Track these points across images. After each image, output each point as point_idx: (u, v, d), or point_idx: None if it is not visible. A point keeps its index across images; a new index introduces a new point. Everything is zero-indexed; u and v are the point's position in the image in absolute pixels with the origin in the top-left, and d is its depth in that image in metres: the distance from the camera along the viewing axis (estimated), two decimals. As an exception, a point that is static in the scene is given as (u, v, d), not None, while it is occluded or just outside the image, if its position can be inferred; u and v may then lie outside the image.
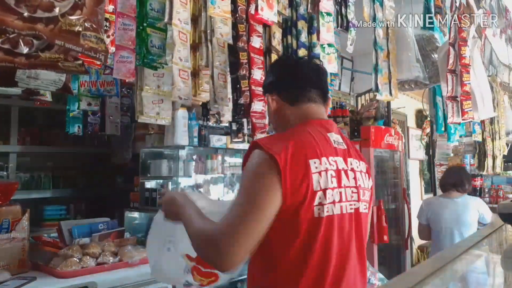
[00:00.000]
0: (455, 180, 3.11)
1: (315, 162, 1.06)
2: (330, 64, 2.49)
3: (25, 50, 1.09)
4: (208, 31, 1.92)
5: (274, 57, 2.34)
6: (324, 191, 1.06)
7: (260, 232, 0.99)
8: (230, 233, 0.97)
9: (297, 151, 1.05)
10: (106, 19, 1.59)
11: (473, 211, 2.99)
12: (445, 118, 3.80)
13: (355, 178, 1.16)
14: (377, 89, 2.75)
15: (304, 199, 1.03)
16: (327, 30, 2.38)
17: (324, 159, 1.08)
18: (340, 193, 1.10)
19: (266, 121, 2.18)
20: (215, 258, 0.98)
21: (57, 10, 1.15)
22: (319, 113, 1.23)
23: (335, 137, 1.17)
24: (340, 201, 1.09)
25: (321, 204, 1.05)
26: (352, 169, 1.16)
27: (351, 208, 1.12)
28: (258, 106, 2.16)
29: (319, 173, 1.06)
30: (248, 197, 1.03)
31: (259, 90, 2.12)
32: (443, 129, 3.82)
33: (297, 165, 1.03)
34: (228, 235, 0.97)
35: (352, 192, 1.14)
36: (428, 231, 3.17)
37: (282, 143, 1.06)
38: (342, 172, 1.12)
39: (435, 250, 3.11)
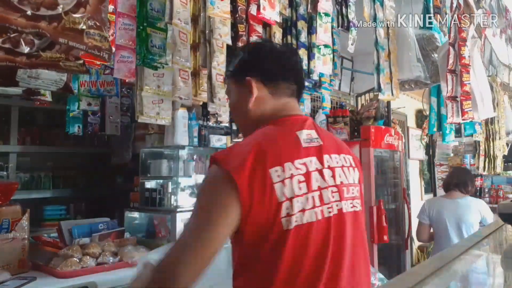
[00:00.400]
0: (459, 181, 3.13)
1: (276, 171, 0.96)
2: (325, 65, 2.48)
3: (26, 49, 1.09)
4: (207, 31, 1.92)
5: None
6: (291, 200, 0.96)
7: (210, 256, 0.93)
8: (179, 258, 0.91)
9: (256, 163, 0.95)
10: (107, 19, 1.59)
11: (475, 213, 2.99)
12: (439, 118, 3.81)
13: (333, 176, 1.04)
14: (379, 89, 2.75)
15: (268, 214, 0.94)
16: (324, 30, 2.38)
17: (288, 164, 0.98)
18: (313, 198, 0.99)
19: None
20: (167, 283, 0.90)
21: (60, 8, 1.14)
22: (296, 108, 1.15)
23: (305, 134, 1.05)
24: (313, 207, 0.98)
25: (288, 215, 0.95)
26: (329, 167, 1.05)
27: (329, 212, 1.01)
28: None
29: (283, 181, 0.95)
30: (200, 217, 0.96)
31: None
32: (435, 129, 3.82)
33: (257, 178, 0.94)
34: (177, 262, 0.91)
35: (332, 192, 1.03)
36: (427, 231, 3.17)
37: (240, 156, 0.96)
38: (315, 174, 1.01)
39: (437, 250, 3.12)
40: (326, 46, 2.47)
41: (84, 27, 1.19)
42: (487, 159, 4.98)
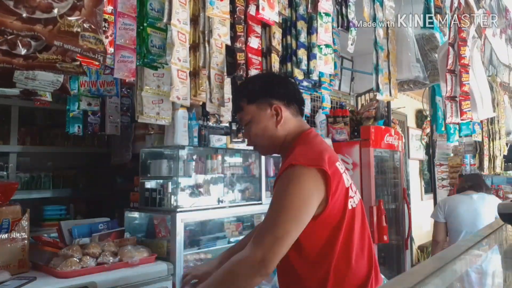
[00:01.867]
0: (473, 183, 3.25)
1: (339, 164, 1.22)
2: (327, 65, 2.49)
3: (23, 51, 1.09)
4: (206, 31, 1.92)
5: (274, 57, 2.34)
6: (350, 186, 1.23)
7: (296, 238, 1.11)
8: (279, 239, 1.07)
9: (329, 158, 1.17)
10: (105, 20, 1.59)
11: (489, 206, 2.99)
12: (445, 117, 3.81)
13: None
14: (378, 89, 2.75)
15: (345, 198, 1.19)
16: (325, 30, 2.38)
17: (340, 161, 1.25)
18: (351, 186, 1.26)
19: None
20: (260, 267, 1.06)
21: (55, 11, 1.14)
22: (306, 123, 1.38)
23: (329, 142, 1.32)
24: (355, 194, 1.27)
25: (351, 197, 1.21)
26: (346, 168, 1.32)
27: (358, 199, 1.28)
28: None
29: (344, 172, 1.23)
30: (291, 208, 1.11)
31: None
32: (443, 129, 3.82)
33: (333, 169, 1.16)
34: (277, 241, 1.07)
35: (353, 185, 1.29)
36: (443, 229, 3.16)
37: (316, 155, 1.17)
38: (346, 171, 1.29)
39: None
40: (327, 45, 2.48)
41: (79, 30, 1.19)
42: (484, 159, 4.98)
